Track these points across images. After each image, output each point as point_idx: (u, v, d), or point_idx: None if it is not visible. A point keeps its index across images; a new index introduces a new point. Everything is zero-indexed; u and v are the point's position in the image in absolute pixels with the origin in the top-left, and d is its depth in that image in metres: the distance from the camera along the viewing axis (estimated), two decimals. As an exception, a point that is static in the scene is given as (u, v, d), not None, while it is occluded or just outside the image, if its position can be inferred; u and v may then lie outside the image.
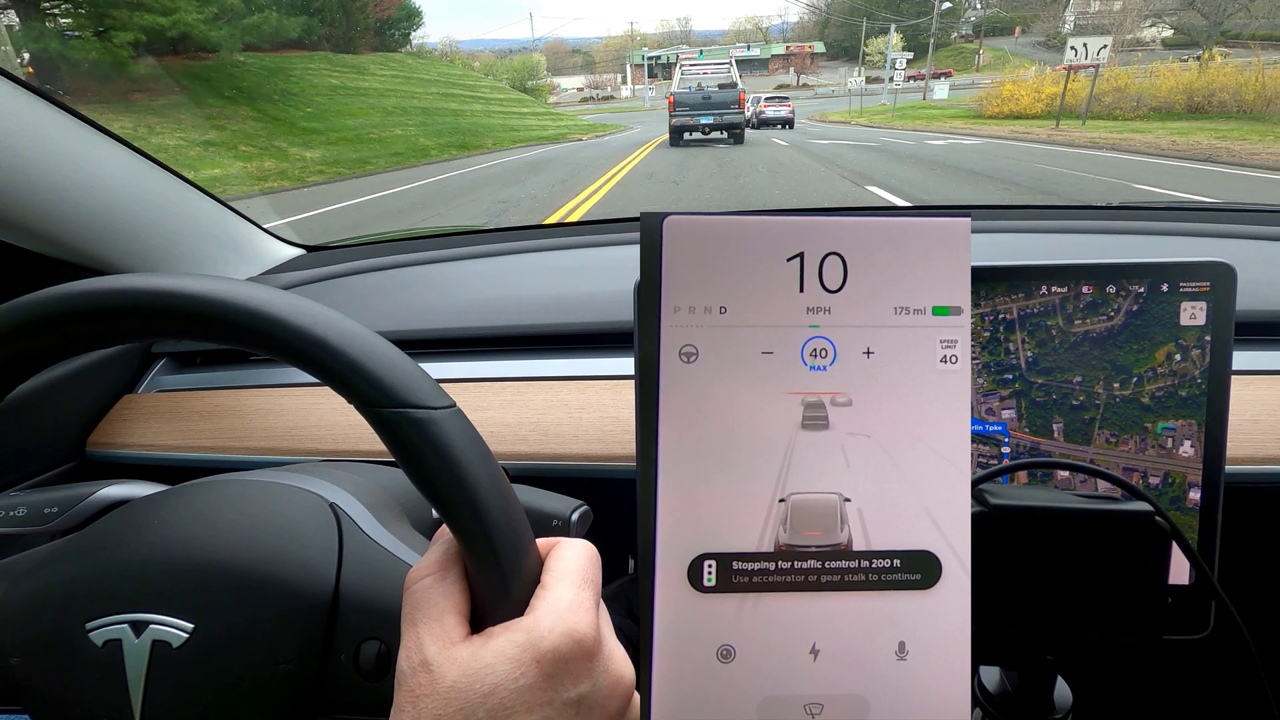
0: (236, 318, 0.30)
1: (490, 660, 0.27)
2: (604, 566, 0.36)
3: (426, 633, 0.29)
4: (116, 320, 0.31)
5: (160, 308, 0.30)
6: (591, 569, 0.32)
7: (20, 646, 0.37)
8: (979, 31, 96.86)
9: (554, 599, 0.30)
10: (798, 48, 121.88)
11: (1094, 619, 0.44)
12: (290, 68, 25.79)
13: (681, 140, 12.98)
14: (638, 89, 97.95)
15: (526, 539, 0.31)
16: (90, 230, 0.77)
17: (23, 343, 0.31)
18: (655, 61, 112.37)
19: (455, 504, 0.29)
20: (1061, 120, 19.17)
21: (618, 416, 0.71)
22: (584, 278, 0.94)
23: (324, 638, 0.37)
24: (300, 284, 1.00)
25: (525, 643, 0.28)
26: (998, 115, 24.30)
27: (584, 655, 0.29)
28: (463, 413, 0.31)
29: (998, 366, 0.52)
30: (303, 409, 0.79)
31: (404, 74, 34.10)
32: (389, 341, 0.31)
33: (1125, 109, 19.99)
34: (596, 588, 0.32)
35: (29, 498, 0.49)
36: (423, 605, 0.30)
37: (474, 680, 0.27)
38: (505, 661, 0.27)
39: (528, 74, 71.51)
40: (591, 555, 0.33)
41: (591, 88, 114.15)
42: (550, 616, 0.29)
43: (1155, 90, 19.99)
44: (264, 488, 0.43)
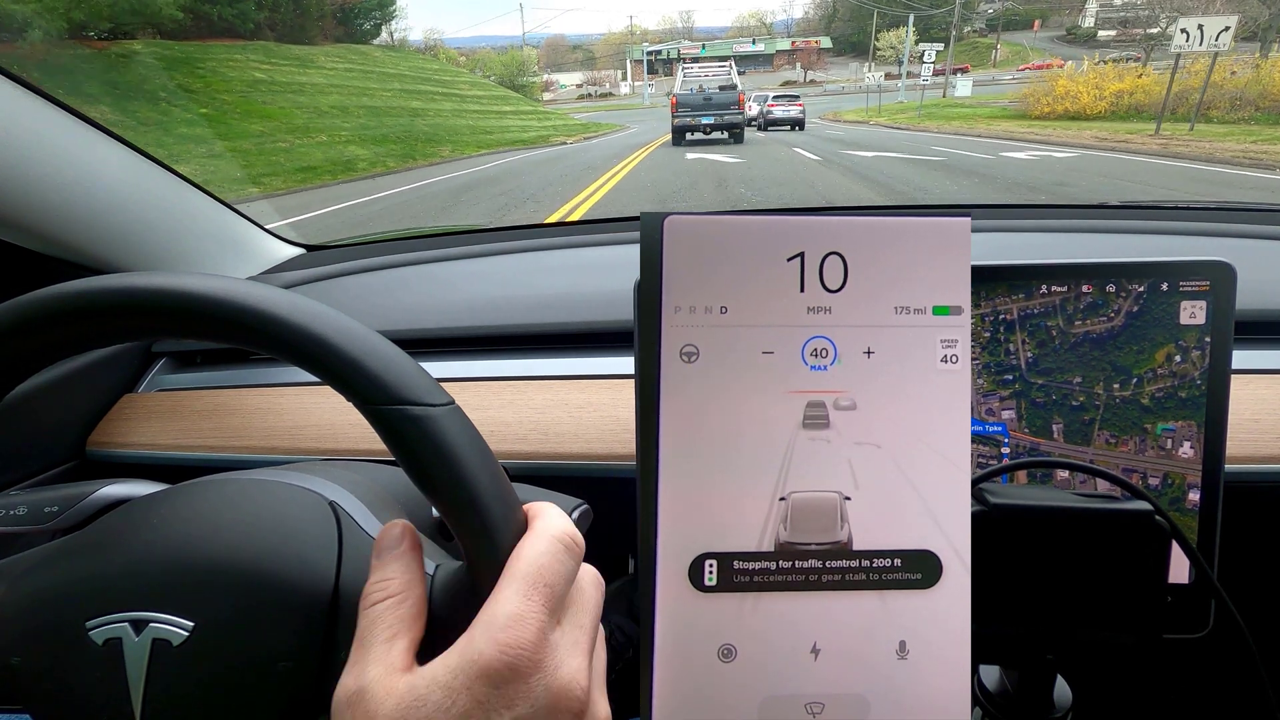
0: (236, 316, 0.30)
1: (424, 691, 0.26)
2: (604, 567, 0.36)
3: (373, 657, 0.28)
4: (116, 319, 0.31)
5: (160, 306, 0.30)
6: (551, 567, 0.29)
7: (20, 645, 0.37)
8: (995, 25, 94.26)
9: (492, 614, 0.27)
10: (803, 43, 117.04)
11: (1094, 618, 0.44)
12: (205, 59, 20.97)
13: (684, 140, 13.28)
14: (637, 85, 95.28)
15: None
16: (90, 229, 0.77)
17: (23, 342, 0.31)
18: (655, 57, 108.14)
19: (454, 502, 0.29)
20: (1163, 124, 14.58)
21: (618, 416, 0.71)
22: (584, 277, 0.94)
23: (324, 635, 0.37)
24: (300, 283, 1.00)
25: (457, 666, 0.27)
26: (1048, 115, 20.58)
27: (518, 675, 0.26)
28: (461, 410, 0.31)
29: (998, 367, 0.52)
30: (303, 408, 0.79)
31: (362, 68, 29.21)
32: (388, 340, 0.31)
33: (1222, 109, 15.96)
34: (552, 590, 0.29)
35: (29, 497, 0.49)
36: (375, 626, 0.29)
37: (408, 712, 0.26)
38: (438, 689, 0.26)
39: (518, 69, 67.06)
40: (556, 548, 0.30)
41: (589, 84, 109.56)
42: (484, 635, 0.27)
43: (1273, 86, 15.16)
44: (263, 486, 0.43)
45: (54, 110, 0.71)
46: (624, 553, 0.83)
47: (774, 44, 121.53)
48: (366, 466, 0.51)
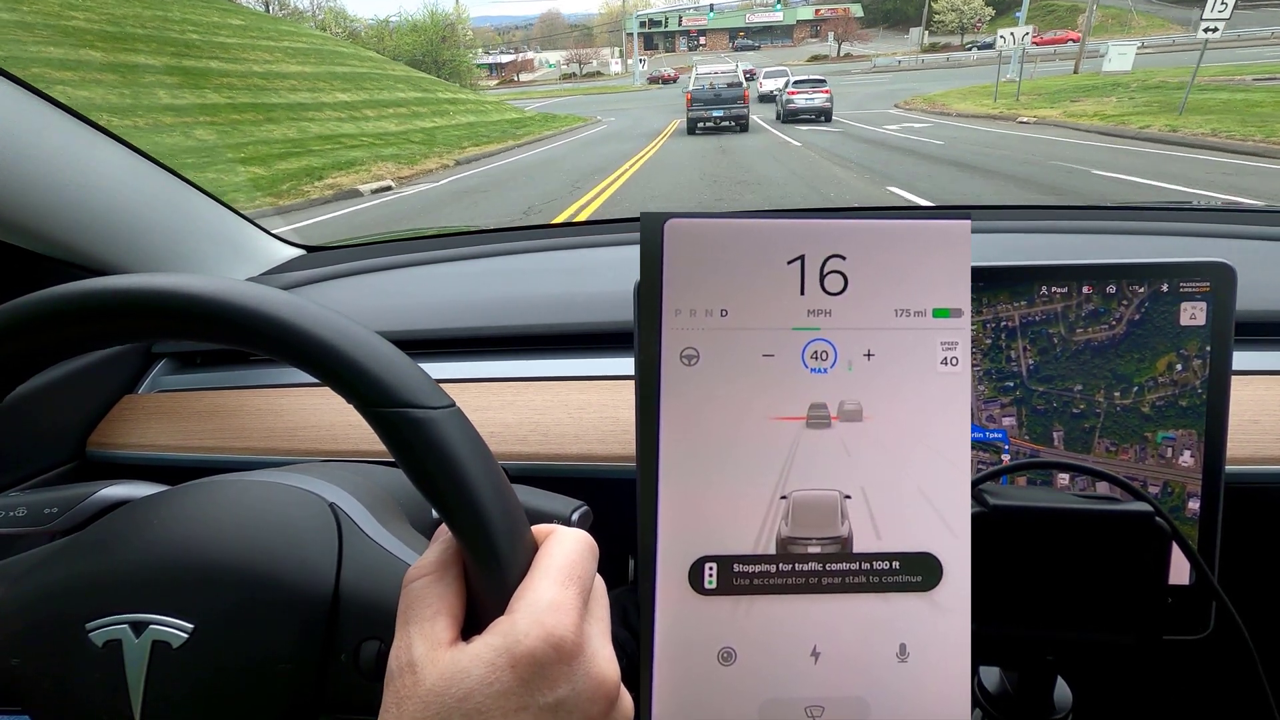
0: (237, 318, 0.30)
1: (466, 665, 0.27)
2: (603, 568, 0.36)
3: (417, 633, 0.29)
4: (117, 320, 0.31)
5: (161, 307, 0.30)
6: (581, 563, 0.31)
7: (20, 647, 0.37)
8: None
9: (534, 598, 0.29)
10: (831, 10, 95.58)
11: (1094, 619, 0.44)
12: None
13: (697, 129, 14.90)
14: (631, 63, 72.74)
15: (526, 539, 0.32)
16: (90, 230, 0.77)
17: (23, 342, 0.31)
18: (654, 28, 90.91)
19: (454, 504, 0.29)
20: None
21: (618, 416, 0.71)
22: (584, 278, 0.94)
23: (324, 637, 0.37)
24: (300, 284, 1.00)
25: (501, 646, 0.28)
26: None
27: (562, 658, 0.28)
28: (462, 412, 0.31)
29: (999, 374, 0.52)
30: (303, 409, 0.79)
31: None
32: (388, 341, 0.31)
33: None
34: (584, 584, 0.30)
35: (29, 498, 0.49)
36: (416, 605, 0.30)
37: (450, 684, 0.27)
38: (481, 665, 0.27)
39: (438, 38, 44.70)
40: (582, 548, 0.32)
41: (573, 62, 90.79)
42: (528, 618, 0.28)
43: None
44: (264, 488, 0.43)
45: (54, 111, 0.71)
46: (623, 554, 0.83)
47: (794, 12, 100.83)
48: (366, 468, 0.51)
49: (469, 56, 41.79)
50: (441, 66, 38.00)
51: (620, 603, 0.78)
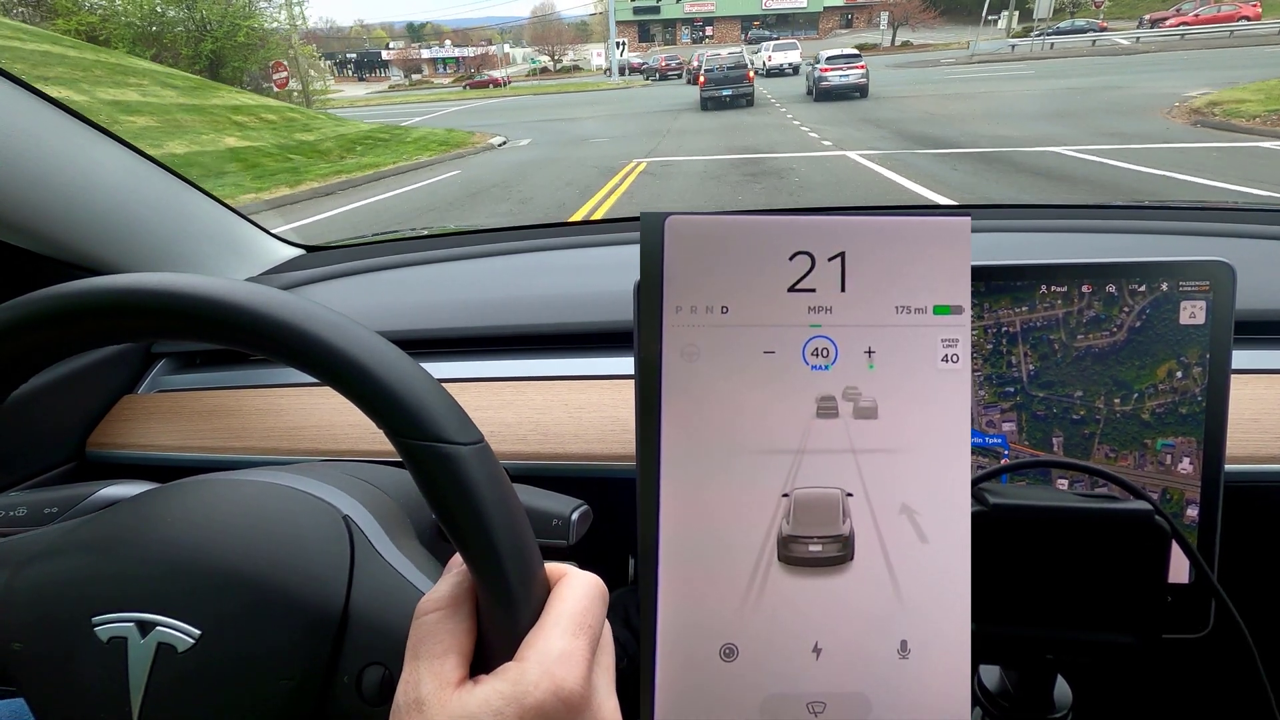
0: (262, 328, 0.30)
1: (474, 710, 0.27)
2: (603, 568, 0.36)
3: (426, 670, 0.29)
4: (120, 320, 0.30)
5: (170, 309, 0.30)
6: (592, 610, 0.31)
7: (24, 632, 0.37)
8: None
9: (545, 648, 0.29)
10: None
11: (1094, 618, 0.44)
12: None
13: (710, 106, 17.36)
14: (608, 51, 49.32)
15: (540, 579, 0.32)
16: (90, 230, 0.77)
17: (24, 342, 0.31)
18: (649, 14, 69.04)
19: (474, 545, 0.29)
20: None
21: (618, 416, 0.71)
22: (583, 277, 0.94)
23: (329, 657, 0.37)
24: (300, 284, 1.00)
25: (510, 695, 0.28)
26: None
27: (569, 712, 0.28)
28: (489, 449, 0.31)
29: (999, 379, 0.52)
30: (303, 409, 0.79)
31: None
32: (421, 367, 0.31)
33: None
34: (594, 633, 0.31)
35: (29, 498, 0.49)
36: (427, 640, 0.30)
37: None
38: (488, 713, 0.27)
39: (229, 20, 19.05)
40: (594, 594, 0.32)
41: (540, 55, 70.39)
42: (538, 669, 0.28)
43: None
44: (280, 493, 0.43)
45: (53, 111, 0.71)
46: (624, 554, 0.83)
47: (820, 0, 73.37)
48: (375, 471, 0.50)
49: (264, 30, 20.92)
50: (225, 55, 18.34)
51: (621, 603, 0.78)
